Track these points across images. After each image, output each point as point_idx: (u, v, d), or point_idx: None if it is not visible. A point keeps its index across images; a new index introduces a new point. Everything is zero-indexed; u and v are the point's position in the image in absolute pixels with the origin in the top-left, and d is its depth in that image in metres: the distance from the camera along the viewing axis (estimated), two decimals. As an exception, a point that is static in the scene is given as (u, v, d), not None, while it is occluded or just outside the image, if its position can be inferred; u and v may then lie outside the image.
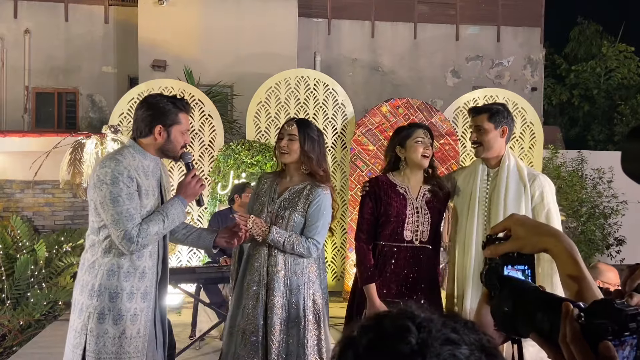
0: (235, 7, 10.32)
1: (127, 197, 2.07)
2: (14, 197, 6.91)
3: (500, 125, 2.49)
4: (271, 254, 2.40)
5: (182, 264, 5.68)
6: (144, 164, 2.17)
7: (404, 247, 2.51)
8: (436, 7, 11.96)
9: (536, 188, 2.45)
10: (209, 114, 5.90)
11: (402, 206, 2.52)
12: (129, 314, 2.10)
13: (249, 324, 2.37)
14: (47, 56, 10.64)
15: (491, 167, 2.54)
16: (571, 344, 0.66)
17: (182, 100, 2.27)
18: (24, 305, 4.81)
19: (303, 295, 2.40)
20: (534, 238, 0.91)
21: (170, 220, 2.16)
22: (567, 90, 14.97)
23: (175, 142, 2.22)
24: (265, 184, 2.52)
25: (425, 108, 5.97)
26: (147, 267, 2.16)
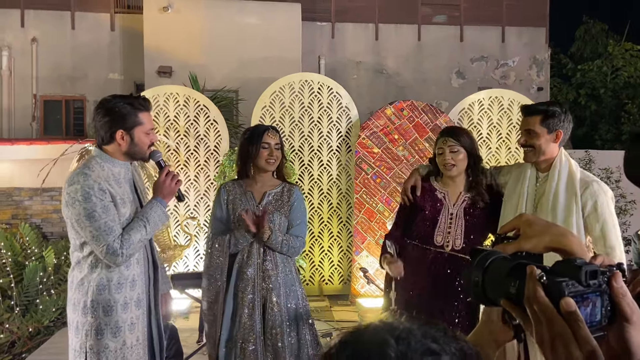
0: (239, 13, 10.37)
1: (102, 210, 2.00)
2: (23, 204, 6.97)
3: (554, 129, 2.28)
4: (266, 259, 2.43)
5: (189, 269, 5.70)
6: (114, 172, 2.11)
7: (434, 252, 2.48)
8: (440, 9, 11.95)
9: (588, 197, 2.24)
10: (214, 119, 5.93)
11: (437, 210, 2.50)
12: (126, 325, 2.07)
13: (246, 333, 2.37)
14: (54, 64, 10.73)
15: (541, 170, 2.35)
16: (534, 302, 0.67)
17: (140, 99, 2.17)
18: (32, 312, 4.84)
19: (296, 295, 2.48)
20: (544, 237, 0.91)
21: (152, 224, 2.10)
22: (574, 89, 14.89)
23: (140, 144, 2.13)
24: (233, 193, 2.53)
25: (430, 110, 5.96)
26: (137, 275, 2.12)
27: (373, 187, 5.79)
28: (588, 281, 0.66)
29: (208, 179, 5.88)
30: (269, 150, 2.47)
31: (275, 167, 2.52)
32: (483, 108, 6.31)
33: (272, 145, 2.48)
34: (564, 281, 0.66)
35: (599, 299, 0.67)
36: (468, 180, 2.51)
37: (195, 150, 5.88)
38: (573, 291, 0.66)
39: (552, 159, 2.30)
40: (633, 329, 0.66)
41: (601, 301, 0.67)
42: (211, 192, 5.86)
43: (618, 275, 0.68)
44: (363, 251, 5.76)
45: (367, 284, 5.10)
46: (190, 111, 5.88)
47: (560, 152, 2.32)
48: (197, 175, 5.85)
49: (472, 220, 2.48)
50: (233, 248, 2.45)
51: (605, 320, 0.68)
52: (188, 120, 5.88)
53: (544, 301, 0.66)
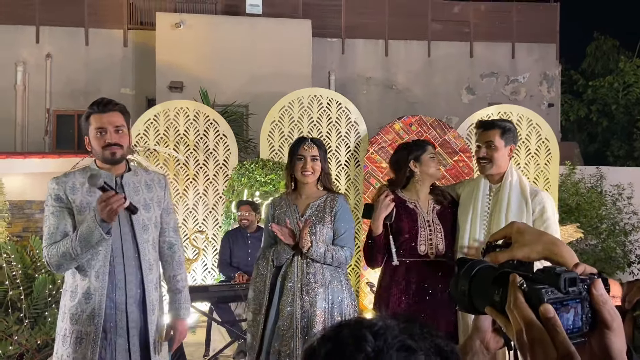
0: (250, 29, 10.50)
1: (52, 215, 2.07)
2: (34, 217, 7.03)
3: (509, 143, 2.48)
4: (309, 272, 2.42)
5: (196, 283, 5.70)
6: None
7: (420, 262, 2.50)
8: (450, 25, 12.02)
9: (537, 204, 2.45)
10: (224, 134, 5.97)
11: (414, 221, 2.53)
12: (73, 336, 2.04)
13: (283, 345, 2.38)
14: (67, 79, 10.91)
15: (494, 182, 2.54)
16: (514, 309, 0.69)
17: (95, 102, 2.15)
18: (41, 324, 4.85)
19: (341, 308, 2.45)
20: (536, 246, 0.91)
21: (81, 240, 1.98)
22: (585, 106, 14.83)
23: (94, 146, 2.12)
24: (281, 209, 2.55)
25: (439, 125, 5.96)
26: (93, 289, 2.06)
27: (381, 202, 5.78)
28: (567, 288, 0.68)
29: (217, 193, 5.90)
30: (303, 163, 2.47)
31: (313, 179, 2.50)
32: (492, 123, 6.29)
33: (307, 157, 2.47)
34: (543, 288, 0.68)
35: (579, 305, 0.69)
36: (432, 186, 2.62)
37: (204, 164, 5.92)
38: (552, 298, 0.68)
39: (504, 172, 2.51)
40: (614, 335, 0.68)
41: (582, 308, 0.69)
42: (219, 206, 5.87)
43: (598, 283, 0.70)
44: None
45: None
46: (200, 125, 5.93)
47: (510, 164, 2.53)
48: (205, 190, 5.88)
49: (447, 223, 2.56)
50: (276, 261, 2.46)
51: (587, 327, 0.69)
52: (198, 135, 5.92)
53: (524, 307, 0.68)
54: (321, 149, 2.52)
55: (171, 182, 5.80)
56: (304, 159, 2.47)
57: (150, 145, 5.83)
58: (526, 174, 6.07)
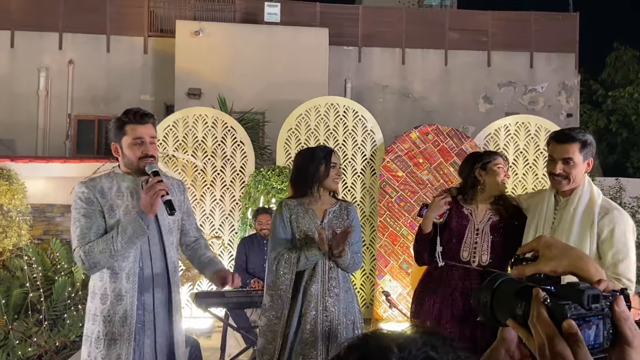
0: (268, 37, 10.60)
1: (83, 216, 2.09)
2: (54, 220, 7.16)
3: (588, 157, 2.24)
4: (332, 276, 2.50)
5: (212, 288, 5.75)
6: (121, 185, 2.19)
7: (462, 268, 2.52)
8: (467, 34, 11.99)
9: (606, 223, 2.20)
10: (241, 141, 6.03)
11: (463, 226, 2.55)
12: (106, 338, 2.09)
13: (307, 349, 2.42)
14: (89, 85, 11.11)
15: (562, 195, 2.33)
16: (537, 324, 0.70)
17: (131, 112, 2.20)
18: (60, 326, 4.94)
19: (354, 311, 2.57)
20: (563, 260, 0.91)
21: (123, 236, 2.05)
22: (605, 116, 14.67)
23: (129, 154, 2.17)
24: (295, 212, 2.54)
25: (456, 134, 5.95)
26: (124, 290, 2.11)
27: (397, 210, 5.78)
28: (590, 305, 0.69)
29: (233, 199, 5.96)
30: (337, 170, 2.57)
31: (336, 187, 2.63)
32: (509, 134, 6.27)
33: (337, 165, 2.59)
34: (567, 304, 0.70)
35: (601, 322, 0.70)
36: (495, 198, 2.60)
37: (221, 170, 5.98)
38: (575, 314, 0.69)
39: (577, 185, 2.28)
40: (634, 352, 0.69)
41: (603, 324, 0.70)
42: (236, 213, 5.93)
43: (620, 300, 0.71)
44: (386, 275, 5.72)
45: (390, 308, 5.05)
46: (217, 132, 6.01)
47: (584, 178, 2.30)
48: (222, 196, 5.94)
49: (499, 237, 2.52)
50: (302, 266, 2.47)
51: (607, 343, 0.70)
52: (215, 141, 6.00)
53: (547, 322, 0.69)
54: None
55: (189, 188, 5.88)
56: (337, 167, 2.57)
57: (169, 151, 5.91)
58: (544, 185, 6.03)
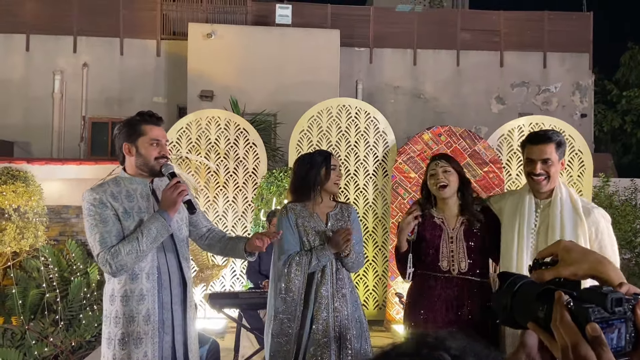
0: (280, 39, 10.64)
1: (100, 222, 2.07)
2: (70, 221, 7.25)
3: (562, 157, 2.32)
4: (339, 277, 2.54)
5: (225, 289, 5.78)
6: (129, 189, 2.18)
7: (442, 277, 2.52)
8: (480, 34, 11.93)
9: (591, 224, 2.27)
10: (253, 142, 6.06)
11: (437, 236, 2.55)
12: (131, 338, 2.10)
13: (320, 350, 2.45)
14: (102, 87, 11.23)
15: (541, 198, 2.35)
16: (561, 327, 0.70)
17: (147, 113, 2.23)
18: (76, 326, 4.99)
19: (359, 307, 2.62)
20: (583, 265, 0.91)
21: (148, 236, 2.08)
22: (619, 116, 14.52)
23: (145, 154, 2.18)
24: (301, 215, 2.54)
25: (469, 136, 5.93)
26: (146, 289, 2.12)
27: (409, 212, 5.77)
28: (613, 308, 0.70)
29: (246, 201, 5.98)
30: (337, 172, 2.59)
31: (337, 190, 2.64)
32: (523, 134, 6.23)
33: (337, 167, 2.61)
34: (590, 307, 0.70)
35: (624, 325, 0.70)
36: (460, 203, 2.57)
37: (234, 172, 6.01)
38: (599, 317, 0.69)
39: (554, 187, 2.32)
40: None
41: (625, 328, 0.70)
42: (248, 214, 5.96)
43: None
44: (399, 276, 5.71)
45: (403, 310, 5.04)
46: (230, 134, 6.04)
47: (558, 178, 2.37)
48: (235, 197, 5.97)
49: (473, 242, 2.52)
50: (313, 267, 2.49)
51: (629, 347, 0.70)
52: (228, 143, 6.03)
53: (571, 325, 0.70)
54: None
55: (202, 190, 5.92)
56: (337, 170, 2.56)
57: (183, 153, 5.96)
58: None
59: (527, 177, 2.36)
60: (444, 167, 2.53)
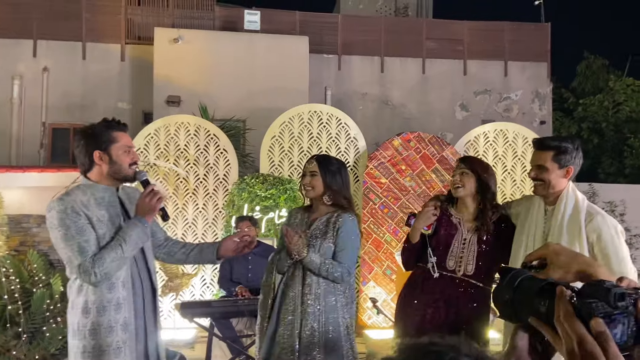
0: (248, 45, 10.59)
1: (76, 231, 2.03)
2: (31, 231, 6.99)
3: (565, 165, 2.30)
4: (305, 283, 2.47)
5: (195, 298, 5.68)
6: (96, 197, 2.13)
7: (446, 276, 2.54)
8: (444, 43, 12.20)
9: (591, 230, 2.24)
10: (224, 148, 6.00)
11: (451, 235, 2.58)
12: (110, 349, 2.06)
13: (284, 352, 2.42)
14: (64, 93, 10.90)
15: (549, 203, 2.37)
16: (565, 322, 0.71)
17: (113, 121, 2.21)
18: (39, 339, 4.81)
19: (338, 321, 2.48)
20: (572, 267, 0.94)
21: (130, 243, 2.08)
22: (576, 123, 15.05)
23: (119, 161, 2.15)
24: (296, 218, 2.65)
25: (437, 142, 6.04)
26: (122, 298, 2.10)
27: (381, 217, 5.82)
28: (616, 303, 0.71)
29: (216, 208, 5.91)
30: (305, 178, 2.58)
31: (313, 195, 2.56)
32: (488, 140, 6.39)
33: (307, 173, 2.58)
34: (594, 302, 0.71)
35: (626, 320, 0.71)
36: (477, 207, 2.60)
37: (204, 178, 5.94)
38: (602, 312, 0.70)
39: (560, 193, 2.32)
40: None
41: (627, 322, 0.71)
42: (219, 221, 5.88)
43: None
44: (370, 281, 5.75)
45: (377, 315, 5.07)
46: (200, 140, 5.97)
47: (568, 185, 2.34)
48: (205, 204, 5.89)
49: (485, 248, 2.55)
50: (278, 267, 2.54)
51: (631, 341, 0.71)
52: (198, 149, 5.95)
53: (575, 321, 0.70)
54: (324, 165, 2.56)
55: (171, 197, 5.81)
56: (305, 175, 2.57)
57: (151, 159, 5.85)
58: (522, 191, 6.16)
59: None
60: (463, 170, 2.59)
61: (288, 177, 5.93)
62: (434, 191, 5.85)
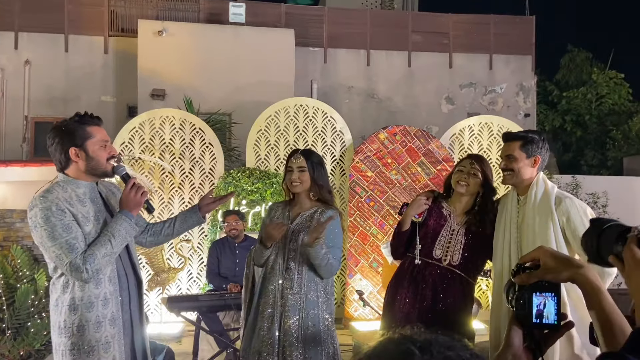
0: (233, 37, 10.52)
1: (62, 229, 2.00)
2: (15, 226, 6.91)
3: (532, 154, 2.44)
4: (286, 277, 2.48)
5: (182, 292, 5.67)
6: (77, 193, 2.10)
7: (432, 265, 2.60)
8: (430, 36, 12.23)
9: (561, 213, 2.37)
10: (210, 142, 5.98)
11: (440, 226, 2.64)
12: (100, 344, 2.05)
13: (264, 345, 2.43)
14: (46, 86, 10.75)
15: (521, 193, 2.50)
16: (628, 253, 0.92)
17: (87, 115, 2.17)
18: (24, 335, 4.78)
19: (318, 316, 2.48)
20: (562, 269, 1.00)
21: (118, 238, 2.08)
22: (560, 116, 15.23)
23: (96, 157, 2.13)
24: (277, 212, 2.64)
25: (422, 135, 6.07)
26: (109, 293, 2.09)
27: (367, 210, 5.85)
28: None
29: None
30: (291, 174, 2.55)
31: (301, 189, 2.55)
32: (473, 133, 6.45)
33: (294, 168, 2.55)
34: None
35: None
36: (473, 205, 2.67)
37: (190, 172, 5.91)
38: None
39: (530, 182, 2.45)
40: None
41: None
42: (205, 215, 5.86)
43: None
44: (357, 274, 5.79)
45: (363, 307, 5.11)
46: (185, 134, 5.93)
47: (538, 175, 2.47)
48: (191, 198, 5.87)
49: (472, 240, 2.61)
50: (256, 260, 2.54)
51: None
52: (183, 143, 5.92)
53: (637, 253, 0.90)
54: (311, 161, 2.56)
55: (156, 191, 5.78)
56: (293, 170, 2.56)
57: (136, 153, 5.80)
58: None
59: None
60: (475, 170, 2.61)
61: (274, 171, 5.92)
62: (419, 184, 5.90)
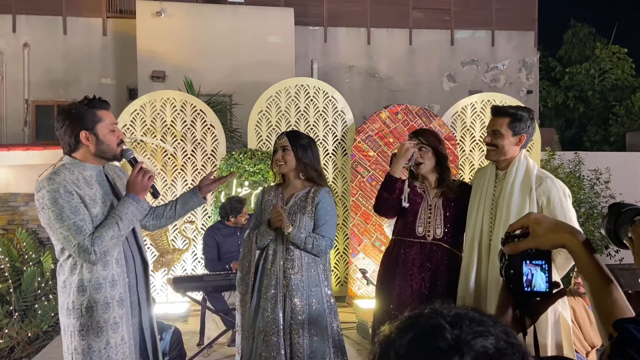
0: (232, 17, 10.42)
1: (70, 211, 2.01)
2: (19, 210, 6.95)
3: (519, 132, 2.43)
4: (287, 258, 2.51)
5: (186, 273, 5.73)
6: (84, 175, 2.11)
7: (417, 242, 2.63)
8: (431, 13, 12.09)
9: (541, 193, 2.37)
10: (211, 124, 5.97)
11: (417, 203, 2.67)
12: (108, 324, 2.08)
13: (268, 325, 2.47)
14: (46, 69, 10.70)
15: (501, 169, 2.50)
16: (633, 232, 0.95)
17: (96, 99, 2.19)
18: (31, 317, 4.85)
19: (320, 294, 2.55)
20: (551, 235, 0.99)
21: (126, 221, 2.11)
22: (562, 92, 15.13)
23: (106, 141, 2.15)
24: (270, 195, 2.66)
25: (424, 114, 6.05)
26: (117, 274, 2.12)
27: (369, 189, 5.86)
28: None
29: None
30: (277, 154, 2.59)
31: (286, 170, 2.58)
32: (476, 111, 6.42)
33: (278, 148, 2.59)
34: None
35: None
36: (437, 177, 2.70)
37: (192, 154, 5.92)
38: None
39: (512, 159, 2.45)
40: None
41: None
42: (209, 197, 5.88)
43: None
44: (360, 253, 5.83)
45: (367, 285, 5.16)
46: (187, 116, 5.92)
47: (520, 152, 2.47)
48: (194, 180, 5.89)
49: (450, 212, 2.65)
50: (259, 243, 2.57)
51: None
52: (185, 125, 5.91)
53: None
54: (295, 140, 2.57)
55: (159, 173, 5.80)
56: (277, 151, 2.59)
57: (137, 136, 5.80)
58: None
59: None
60: (420, 145, 2.63)
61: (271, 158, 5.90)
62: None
